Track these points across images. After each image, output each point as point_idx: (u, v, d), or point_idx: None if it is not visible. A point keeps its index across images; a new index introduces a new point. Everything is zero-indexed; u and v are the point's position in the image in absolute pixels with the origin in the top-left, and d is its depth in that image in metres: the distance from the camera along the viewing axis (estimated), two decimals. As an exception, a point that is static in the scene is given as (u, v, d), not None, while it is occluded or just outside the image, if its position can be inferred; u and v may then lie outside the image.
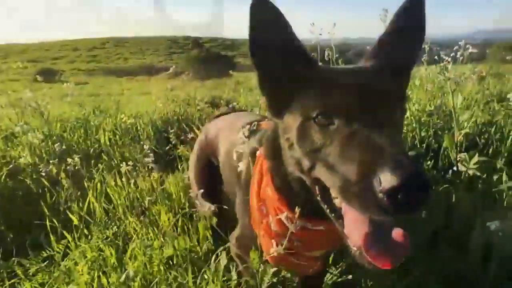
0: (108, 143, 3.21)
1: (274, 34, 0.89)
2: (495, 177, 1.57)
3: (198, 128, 2.93)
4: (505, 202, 1.41)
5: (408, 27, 0.94)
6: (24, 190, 2.46)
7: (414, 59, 1.02)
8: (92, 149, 3.05)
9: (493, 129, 2.31)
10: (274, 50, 0.90)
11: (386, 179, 0.63)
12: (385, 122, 0.77)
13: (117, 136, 3.29)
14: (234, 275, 1.29)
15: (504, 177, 1.49)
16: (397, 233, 0.77)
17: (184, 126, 3.31)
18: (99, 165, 2.51)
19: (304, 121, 0.84)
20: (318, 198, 0.88)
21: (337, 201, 0.85)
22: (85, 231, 1.83)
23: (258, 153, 1.16)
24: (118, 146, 3.12)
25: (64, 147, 2.84)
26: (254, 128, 1.37)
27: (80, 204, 2.00)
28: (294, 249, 1.07)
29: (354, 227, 0.80)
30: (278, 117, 0.95)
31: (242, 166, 1.27)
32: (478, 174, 1.53)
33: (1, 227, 2.10)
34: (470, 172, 1.48)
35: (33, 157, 2.71)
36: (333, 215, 0.87)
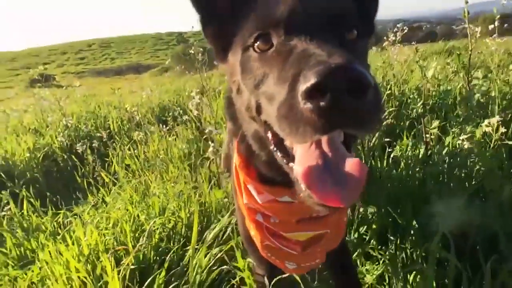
0: (116, 129, 3.86)
1: None
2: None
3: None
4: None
5: None
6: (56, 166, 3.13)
7: None
8: (105, 134, 3.71)
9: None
10: None
11: (304, 80, 0.50)
12: (333, 40, 0.63)
13: (124, 123, 3.94)
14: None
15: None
16: (351, 164, 0.62)
17: (179, 110, 3.94)
18: (114, 144, 3.17)
19: (244, 52, 0.74)
20: (272, 147, 0.75)
21: (288, 142, 0.71)
22: (113, 188, 2.47)
23: None
24: (124, 131, 3.78)
25: (81, 133, 3.51)
26: None
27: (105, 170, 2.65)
28: (272, 226, 0.97)
29: (301, 164, 0.65)
30: (224, 61, 0.86)
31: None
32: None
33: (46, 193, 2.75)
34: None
35: (59, 141, 3.39)
36: (284, 161, 0.72)
